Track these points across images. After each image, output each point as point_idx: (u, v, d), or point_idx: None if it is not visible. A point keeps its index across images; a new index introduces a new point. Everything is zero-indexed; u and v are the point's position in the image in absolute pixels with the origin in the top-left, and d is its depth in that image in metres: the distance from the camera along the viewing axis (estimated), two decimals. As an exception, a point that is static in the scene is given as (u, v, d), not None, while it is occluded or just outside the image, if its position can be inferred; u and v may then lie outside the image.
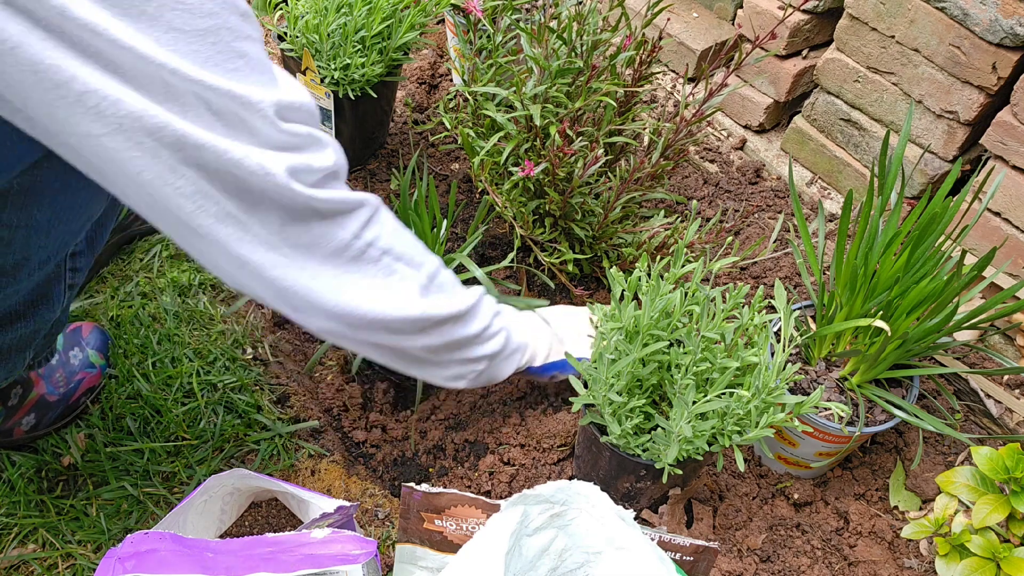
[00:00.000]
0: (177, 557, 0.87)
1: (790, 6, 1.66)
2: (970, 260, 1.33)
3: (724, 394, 1.01)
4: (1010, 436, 1.38)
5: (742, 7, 1.82)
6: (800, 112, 1.80)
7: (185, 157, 0.69)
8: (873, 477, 1.33)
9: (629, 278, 1.03)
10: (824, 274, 1.29)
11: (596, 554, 0.95)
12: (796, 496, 1.28)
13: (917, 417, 1.17)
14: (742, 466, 1.03)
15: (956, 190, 1.55)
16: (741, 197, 1.74)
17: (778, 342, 1.21)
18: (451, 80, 1.93)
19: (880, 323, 1.10)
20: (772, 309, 1.48)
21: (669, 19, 1.93)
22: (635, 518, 0.90)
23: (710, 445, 1.05)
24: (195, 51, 0.66)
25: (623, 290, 1.03)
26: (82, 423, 1.25)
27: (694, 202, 1.44)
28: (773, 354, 1.05)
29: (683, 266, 1.04)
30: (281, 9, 1.50)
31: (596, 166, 1.23)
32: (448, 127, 1.39)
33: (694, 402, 0.99)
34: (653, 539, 0.94)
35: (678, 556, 0.98)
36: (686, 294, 1.03)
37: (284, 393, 1.35)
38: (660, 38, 1.34)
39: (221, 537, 1.14)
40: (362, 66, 1.45)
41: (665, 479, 1.06)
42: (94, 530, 1.14)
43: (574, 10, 1.29)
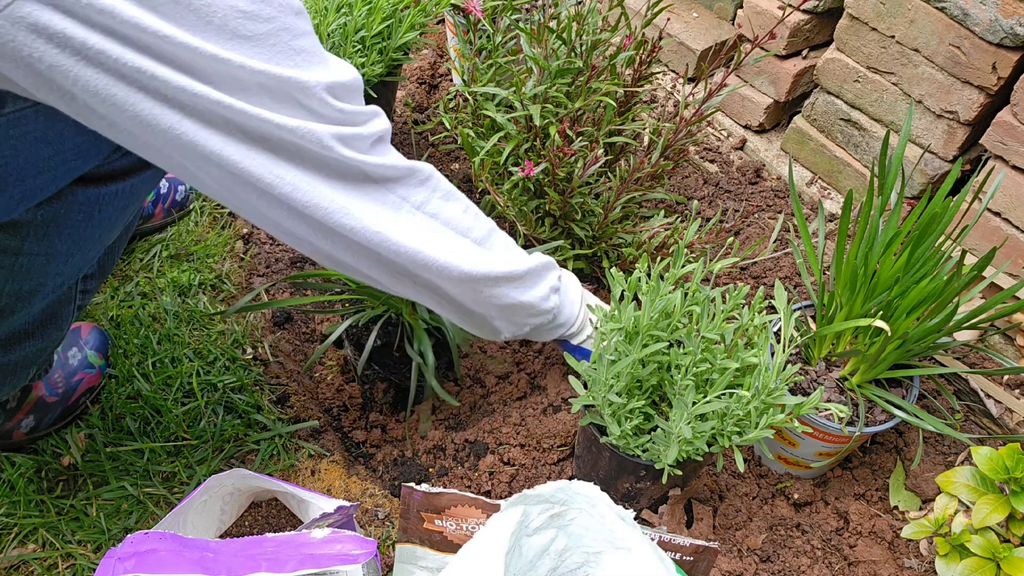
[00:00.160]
0: (177, 557, 0.87)
1: (790, 6, 1.66)
2: (970, 260, 1.33)
3: (724, 395, 1.01)
4: (1010, 436, 1.38)
5: (742, 7, 1.82)
6: (800, 112, 1.80)
7: (250, 132, 0.77)
8: (873, 477, 1.33)
9: (629, 278, 1.03)
10: (824, 274, 1.29)
11: (596, 554, 0.95)
12: (796, 496, 1.28)
13: (917, 417, 1.17)
14: (742, 466, 1.03)
15: (956, 190, 1.55)
16: (741, 197, 1.74)
17: (778, 342, 1.21)
18: (451, 80, 1.93)
19: (880, 323, 1.10)
20: (772, 309, 1.48)
21: (669, 19, 1.93)
22: (635, 518, 0.90)
23: (710, 446, 1.05)
24: (258, 53, 0.74)
25: (623, 290, 1.03)
26: (82, 423, 1.25)
27: (694, 202, 1.44)
28: (773, 355, 1.05)
29: (683, 266, 1.04)
30: (281, 9, 1.49)
31: (596, 166, 1.23)
32: (448, 127, 1.39)
33: (694, 403, 0.99)
34: (653, 539, 0.94)
35: (678, 556, 0.98)
36: (686, 294, 1.03)
37: (284, 393, 1.35)
38: (660, 38, 1.34)
39: (221, 537, 1.14)
40: (362, 66, 1.45)
41: (665, 479, 1.06)
42: (94, 530, 1.14)
43: (574, 10, 1.29)
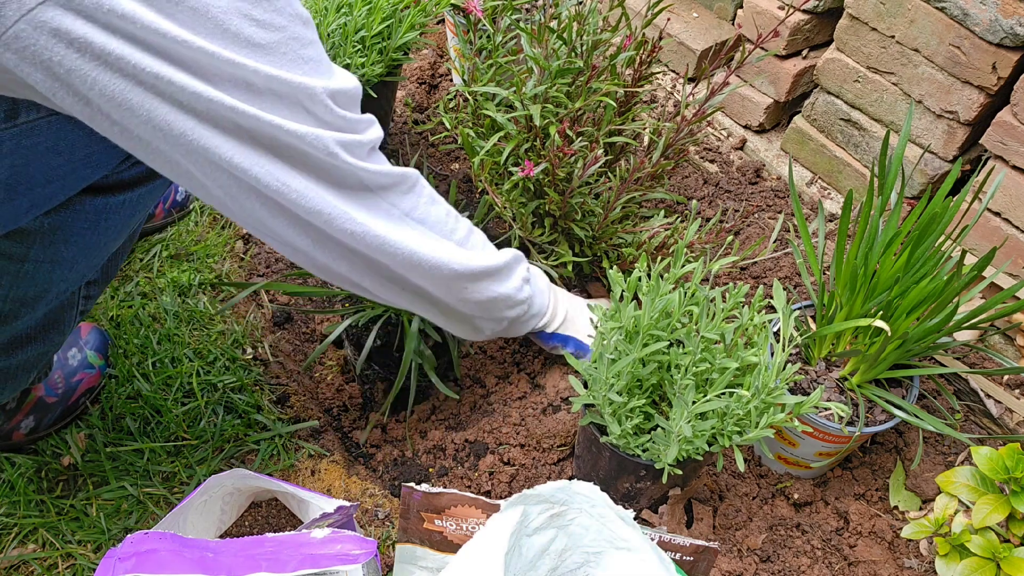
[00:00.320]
0: (177, 557, 0.87)
1: (790, 6, 1.66)
2: (970, 260, 1.33)
3: (724, 394, 1.01)
4: (1010, 436, 1.38)
5: (742, 7, 1.82)
6: (800, 112, 1.80)
7: (261, 138, 0.78)
8: (873, 477, 1.33)
9: (629, 278, 1.03)
10: (824, 274, 1.29)
11: (596, 554, 0.95)
12: (796, 496, 1.28)
13: (917, 417, 1.17)
14: (742, 466, 1.03)
15: (956, 190, 1.55)
16: (741, 197, 1.74)
17: (778, 342, 1.21)
18: (451, 80, 1.93)
19: (880, 323, 1.10)
20: (772, 309, 1.48)
21: (669, 19, 1.93)
22: (635, 518, 0.90)
23: (710, 445, 1.05)
24: (270, 60, 0.76)
25: (623, 290, 1.03)
26: (82, 423, 1.25)
27: (694, 202, 1.44)
28: (773, 354, 1.05)
29: (683, 266, 1.04)
30: (281, 9, 1.49)
31: (596, 166, 1.23)
32: (448, 127, 1.39)
33: (694, 402, 0.99)
34: (653, 539, 0.94)
35: (678, 556, 0.98)
36: (686, 294, 1.03)
37: (284, 393, 1.35)
38: (660, 38, 1.34)
39: (221, 537, 1.14)
40: (362, 66, 1.45)
41: (665, 479, 1.06)
42: (94, 530, 1.14)
43: (574, 10, 1.29)
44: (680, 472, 1.07)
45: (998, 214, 1.47)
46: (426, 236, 0.97)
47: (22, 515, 1.14)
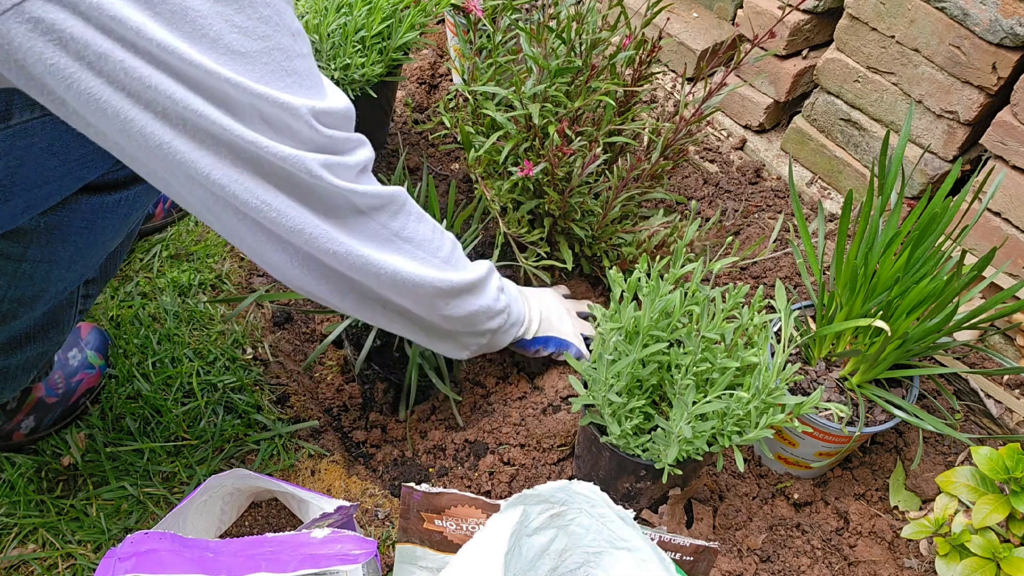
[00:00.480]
0: (177, 557, 0.87)
1: (790, 6, 1.66)
2: (970, 260, 1.33)
3: (724, 395, 1.01)
4: (1010, 436, 1.38)
5: (742, 7, 1.82)
6: (800, 112, 1.80)
7: (241, 155, 0.75)
8: (873, 477, 1.33)
9: (629, 278, 1.03)
10: (824, 274, 1.29)
11: (596, 554, 0.95)
12: (796, 496, 1.28)
13: (917, 417, 1.17)
14: (742, 466, 1.03)
15: (956, 190, 1.55)
16: (741, 197, 1.74)
17: (778, 342, 1.21)
18: (451, 80, 1.93)
19: (880, 323, 1.10)
20: (772, 309, 1.48)
21: (669, 19, 1.93)
22: (635, 518, 0.90)
23: (710, 445, 1.05)
24: (251, 70, 0.72)
25: (623, 290, 1.03)
26: (82, 423, 1.25)
27: (694, 202, 1.44)
28: (773, 354, 1.05)
29: (683, 266, 1.04)
30: (281, 9, 1.49)
31: (595, 165, 1.23)
32: (448, 126, 1.39)
33: (694, 402, 0.99)
34: (653, 539, 0.94)
35: (678, 556, 0.98)
36: (686, 294, 1.03)
37: (284, 393, 1.35)
38: (660, 38, 1.34)
39: (221, 537, 1.14)
40: (362, 66, 1.45)
41: (665, 479, 1.06)
42: (94, 530, 1.14)
43: (573, 10, 1.29)
44: (680, 472, 1.07)
45: (998, 214, 1.47)
46: (412, 256, 0.95)
47: (22, 515, 1.14)
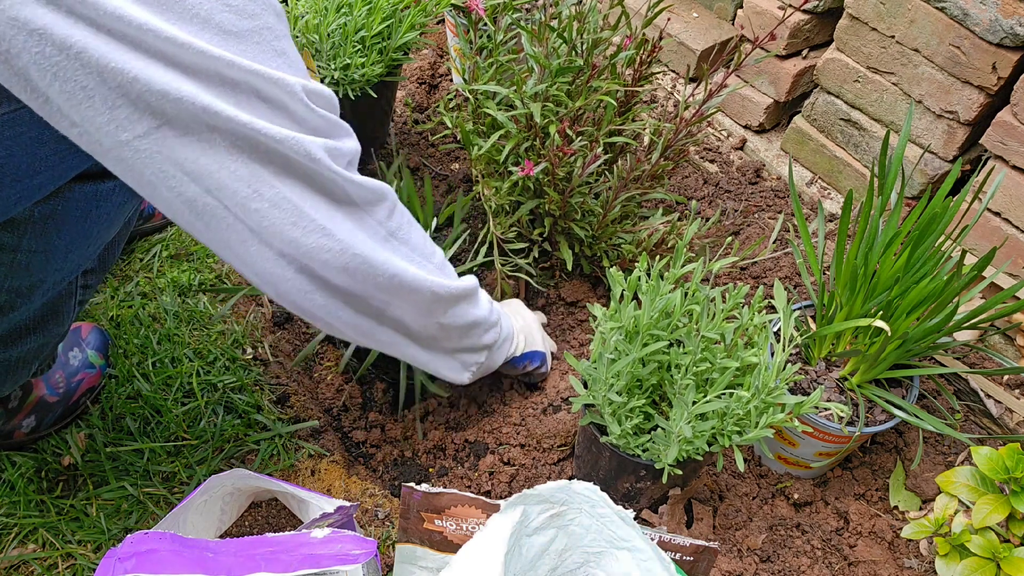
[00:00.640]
0: (177, 557, 0.87)
1: (790, 6, 1.66)
2: (970, 260, 1.33)
3: (724, 394, 1.01)
4: (1010, 436, 1.38)
5: (742, 7, 1.82)
6: (800, 112, 1.80)
7: (237, 141, 0.72)
8: (873, 477, 1.33)
9: (629, 278, 1.03)
10: (824, 274, 1.29)
11: (596, 554, 0.95)
12: (796, 496, 1.28)
13: (917, 417, 1.17)
14: (742, 466, 1.03)
15: (956, 190, 1.55)
16: (741, 197, 1.74)
17: (778, 342, 1.21)
18: (451, 80, 1.93)
19: (880, 323, 1.10)
20: (772, 309, 1.48)
21: (669, 19, 1.93)
22: (635, 518, 0.90)
23: (710, 445, 1.05)
24: (244, 50, 0.70)
25: (623, 290, 1.03)
26: (82, 423, 1.25)
27: (694, 202, 1.44)
28: (773, 354, 1.05)
29: (683, 266, 1.04)
30: (281, 9, 1.50)
31: (595, 165, 1.23)
32: (448, 126, 1.39)
33: (694, 402, 0.99)
34: (653, 539, 0.94)
35: (678, 556, 0.98)
36: (686, 294, 1.03)
37: (284, 393, 1.35)
38: (660, 38, 1.34)
39: (221, 537, 1.14)
40: (362, 66, 1.45)
41: (665, 479, 1.06)
42: (94, 530, 1.14)
43: (574, 9, 1.29)
44: (680, 472, 1.07)
45: (998, 214, 1.47)
46: (408, 259, 0.92)
47: (22, 515, 1.14)
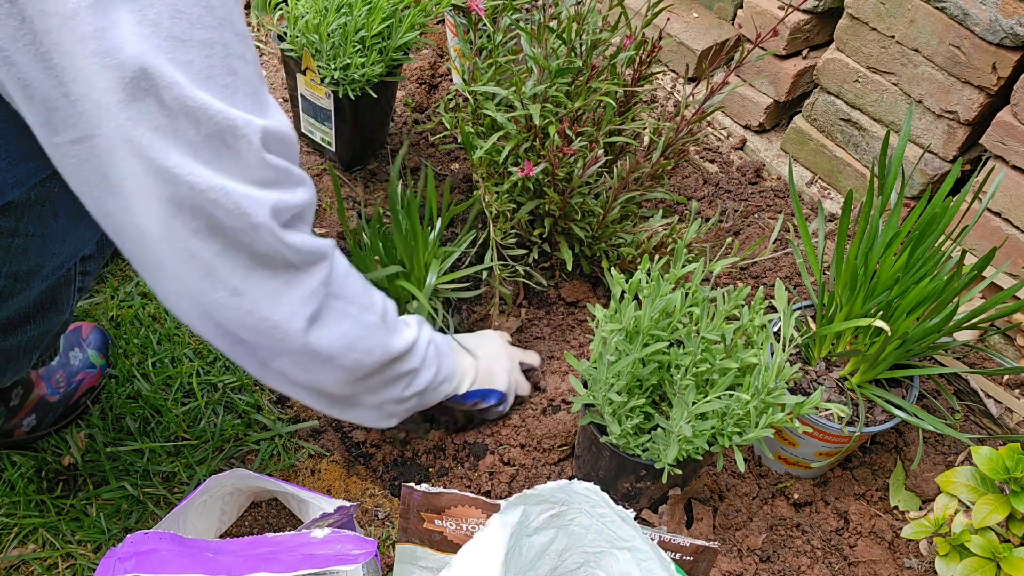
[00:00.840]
0: (177, 557, 0.87)
1: (790, 6, 1.66)
2: (970, 260, 1.33)
3: (724, 394, 1.01)
4: (1010, 436, 1.38)
5: (742, 7, 1.82)
6: (800, 112, 1.80)
7: (156, 175, 0.67)
8: (873, 477, 1.33)
9: (629, 279, 1.03)
10: (824, 274, 1.29)
11: (596, 554, 0.95)
12: (796, 496, 1.28)
13: (917, 417, 1.17)
14: (742, 466, 1.03)
15: (956, 190, 1.55)
16: (741, 197, 1.74)
17: (778, 342, 1.21)
18: (451, 80, 1.93)
19: (880, 323, 1.10)
20: (772, 309, 1.48)
21: (669, 19, 1.93)
22: (635, 518, 0.90)
23: (710, 445, 1.05)
24: (190, 61, 0.66)
25: (623, 290, 1.03)
26: (82, 423, 1.25)
27: (694, 202, 1.44)
28: (773, 354, 1.05)
29: (683, 266, 1.04)
30: (281, 9, 1.50)
31: (596, 166, 1.23)
32: (448, 127, 1.39)
33: (694, 402, 0.99)
34: (653, 539, 0.94)
35: (678, 556, 0.98)
36: (686, 294, 1.03)
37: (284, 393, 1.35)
38: (660, 38, 1.34)
39: (221, 537, 1.14)
40: (362, 66, 1.45)
41: (665, 479, 1.06)
42: (94, 530, 1.14)
43: (574, 10, 1.29)
44: (680, 472, 1.07)
45: (998, 214, 1.47)
46: (343, 312, 0.87)
47: (22, 515, 1.14)
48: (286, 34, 1.49)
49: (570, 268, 1.37)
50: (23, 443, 1.21)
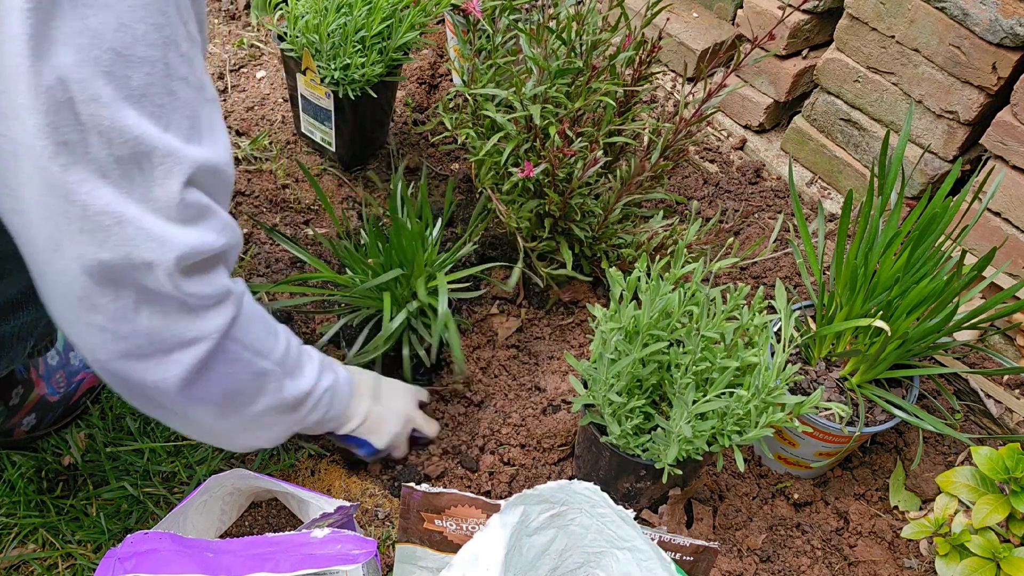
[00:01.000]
0: (177, 557, 0.88)
1: (790, 6, 1.66)
2: (970, 260, 1.33)
3: (724, 394, 1.01)
4: (1010, 436, 1.38)
5: (742, 7, 1.82)
6: (800, 112, 1.80)
7: (52, 191, 0.65)
8: (873, 477, 1.33)
9: (628, 278, 1.03)
10: (824, 274, 1.29)
11: (596, 554, 0.95)
12: (796, 496, 1.28)
13: (917, 417, 1.17)
14: (742, 466, 1.03)
15: (956, 190, 1.55)
16: (741, 197, 1.74)
17: (778, 342, 1.21)
18: (451, 80, 1.93)
19: (880, 323, 1.10)
20: (772, 309, 1.48)
21: (669, 19, 1.93)
22: (635, 518, 0.90)
23: (710, 445, 1.05)
24: (127, 76, 0.63)
25: (622, 290, 1.03)
26: (82, 423, 1.25)
27: (694, 202, 1.44)
28: (773, 354, 1.05)
29: (683, 266, 1.04)
30: (281, 9, 1.50)
31: (595, 167, 1.23)
32: (448, 127, 1.39)
33: (694, 402, 0.99)
34: (653, 539, 0.94)
35: (678, 556, 0.98)
36: (686, 294, 1.03)
37: (284, 393, 1.35)
38: (660, 38, 1.34)
39: (221, 537, 1.14)
40: (362, 66, 1.45)
41: (665, 479, 1.06)
42: (94, 530, 1.14)
43: (573, 10, 1.29)
44: (680, 472, 1.07)
45: (998, 214, 1.47)
46: (237, 356, 0.82)
47: (22, 515, 1.14)
48: (286, 34, 1.49)
49: (570, 268, 1.37)
50: (23, 443, 1.21)
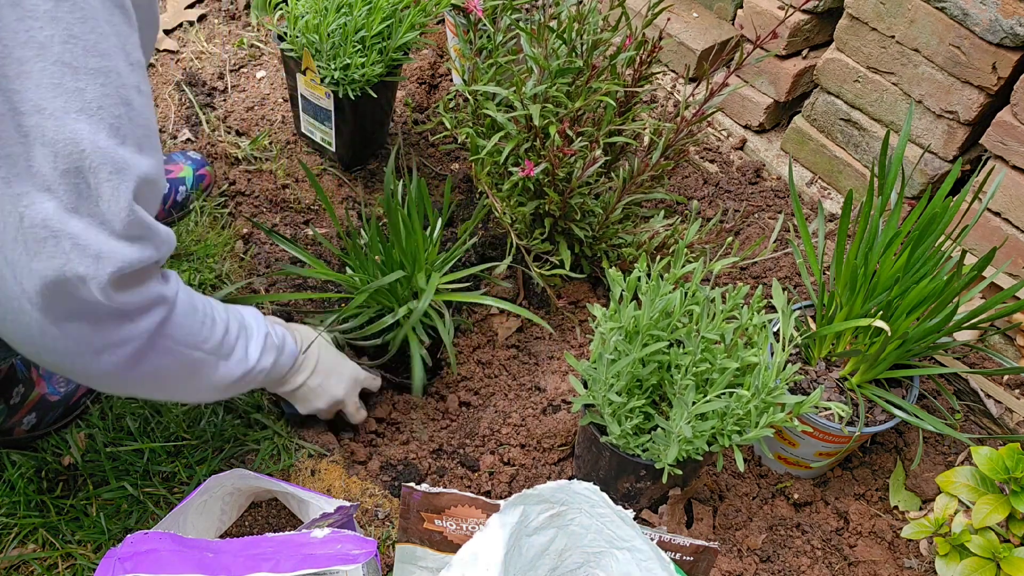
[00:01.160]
0: (177, 557, 0.88)
1: (790, 6, 1.66)
2: (970, 260, 1.33)
3: (724, 394, 1.01)
4: (1010, 436, 1.38)
5: (742, 7, 1.82)
6: (800, 112, 1.80)
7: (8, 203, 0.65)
8: (873, 477, 1.33)
9: (628, 278, 1.03)
10: (824, 274, 1.29)
11: (596, 554, 0.95)
12: (796, 496, 1.28)
13: (917, 417, 1.17)
14: (742, 466, 1.03)
15: (956, 190, 1.55)
16: (741, 197, 1.74)
17: (778, 342, 1.21)
18: (451, 80, 1.93)
19: (880, 323, 1.10)
20: (772, 309, 1.48)
21: (669, 19, 1.93)
22: (635, 518, 0.90)
23: (710, 445, 1.05)
24: (81, 89, 0.63)
25: (622, 290, 1.03)
26: (82, 423, 1.25)
27: (694, 202, 1.44)
28: (773, 354, 1.05)
29: (683, 266, 1.04)
30: (281, 9, 1.50)
31: (595, 167, 1.23)
32: (448, 127, 1.39)
33: (694, 402, 0.99)
34: (653, 539, 0.94)
35: (678, 556, 0.98)
36: (686, 294, 1.03)
37: (284, 393, 1.35)
38: (660, 38, 1.34)
39: (221, 537, 1.14)
40: (362, 66, 1.45)
41: (665, 479, 1.06)
42: (94, 530, 1.14)
43: (574, 10, 1.29)
44: (680, 472, 1.07)
45: (998, 214, 1.47)
46: (171, 350, 0.85)
47: (22, 515, 1.14)
48: (286, 34, 1.49)
49: (568, 268, 1.37)
50: (23, 442, 1.21)
